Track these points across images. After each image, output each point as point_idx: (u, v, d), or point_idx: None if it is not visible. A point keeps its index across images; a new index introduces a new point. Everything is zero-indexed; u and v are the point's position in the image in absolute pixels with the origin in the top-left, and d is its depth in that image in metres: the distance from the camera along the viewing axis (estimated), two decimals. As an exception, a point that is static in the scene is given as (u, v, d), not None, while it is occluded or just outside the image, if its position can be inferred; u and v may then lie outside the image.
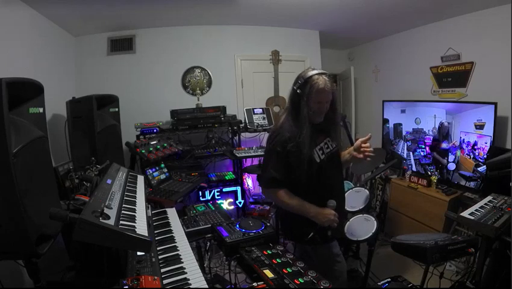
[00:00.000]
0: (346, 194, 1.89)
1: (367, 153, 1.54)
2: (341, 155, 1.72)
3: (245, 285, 2.04)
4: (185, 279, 1.15)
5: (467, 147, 2.82)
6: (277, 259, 1.38)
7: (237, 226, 1.68)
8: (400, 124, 3.56)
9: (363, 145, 1.56)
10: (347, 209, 1.90)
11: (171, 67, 3.62)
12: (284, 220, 1.75)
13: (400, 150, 3.56)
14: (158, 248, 1.38)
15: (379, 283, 1.87)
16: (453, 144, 2.94)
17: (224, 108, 3.29)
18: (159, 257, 1.30)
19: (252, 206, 3.37)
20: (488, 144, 2.60)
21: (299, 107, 1.49)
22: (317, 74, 1.48)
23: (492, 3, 2.64)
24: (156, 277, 1.09)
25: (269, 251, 1.46)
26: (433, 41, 3.34)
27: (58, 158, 2.38)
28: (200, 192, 3.16)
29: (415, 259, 1.94)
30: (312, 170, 1.50)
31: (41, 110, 1.41)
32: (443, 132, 3.04)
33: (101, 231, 0.92)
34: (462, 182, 2.86)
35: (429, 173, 3.17)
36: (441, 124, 3.06)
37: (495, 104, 2.53)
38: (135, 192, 1.48)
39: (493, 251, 1.74)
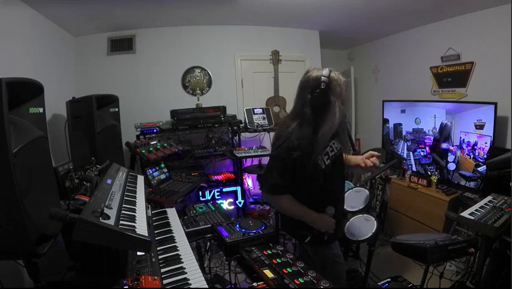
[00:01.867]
0: (346, 194, 1.90)
1: (372, 163, 1.63)
2: (346, 158, 1.69)
3: (245, 285, 2.04)
4: (185, 279, 1.15)
5: (467, 147, 2.82)
6: (277, 259, 1.37)
7: (237, 226, 1.68)
8: (400, 124, 3.55)
9: (372, 158, 1.63)
10: (347, 209, 1.91)
11: (171, 67, 3.62)
12: (283, 217, 1.74)
13: (400, 150, 3.56)
14: (158, 248, 1.38)
15: (379, 283, 1.88)
16: (452, 149, 2.94)
17: (224, 108, 3.29)
18: (159, 257, 1.29)
19: (252, 206, 3.37)
20: (488, 144, 2.60)
21: (325, 111, 1.38)
22: (330, 71, 1.39)
23: (492, 3, 2.64)
24: (156, 277, 1.09)
25: (269, 251, 1.46)
26: (433, 41, 3.34)
27: (58, 158, 2.38)
28: (200, 192, 3.16)
29: (415, 259, 1.94)
30: (316, 176, 1.46)
31: (41, 110, 1.41)
32: (445, 134, 3.03)
33: (101, 231, 0.92)
34: (462, 182, 2.86)
35: (429, 173, 3.17)
36: (444, 125, 3.04)
37: (495, 104, 2.53)
38: (135, 192, 1.48)
39: (493, 251, 1.73)
